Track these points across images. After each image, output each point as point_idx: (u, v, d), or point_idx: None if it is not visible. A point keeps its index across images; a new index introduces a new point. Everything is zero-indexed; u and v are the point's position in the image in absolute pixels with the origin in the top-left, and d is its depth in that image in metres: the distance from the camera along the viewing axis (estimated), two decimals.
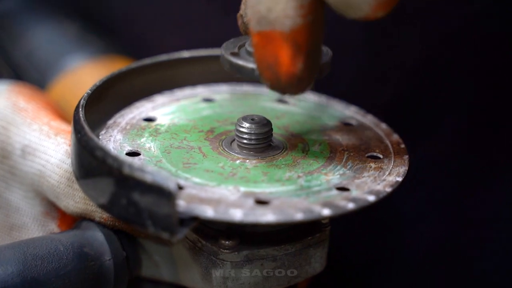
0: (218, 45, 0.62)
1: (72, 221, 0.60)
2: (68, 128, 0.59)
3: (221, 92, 0.65)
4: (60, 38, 0.85)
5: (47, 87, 0.80)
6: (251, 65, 0.52)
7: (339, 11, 0.47)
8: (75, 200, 0.57)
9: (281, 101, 0.64)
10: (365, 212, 0.54)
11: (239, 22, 0.55)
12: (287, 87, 0.50)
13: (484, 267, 0.78)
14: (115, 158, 0.49)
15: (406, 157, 0.57)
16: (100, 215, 0.56)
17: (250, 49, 0.53)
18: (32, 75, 0.83)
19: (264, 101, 0.64)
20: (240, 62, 0.53)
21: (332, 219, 0.57)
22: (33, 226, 0.61)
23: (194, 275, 0.56)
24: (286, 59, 0.48)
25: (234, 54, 0.54)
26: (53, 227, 0.61)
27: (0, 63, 0.90)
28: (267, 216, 0.49)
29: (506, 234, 0.77)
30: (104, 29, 0.87)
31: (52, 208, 0.61)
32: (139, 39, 0.86)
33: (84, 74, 0.80)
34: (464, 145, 0.77)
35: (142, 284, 0.60)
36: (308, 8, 0.47)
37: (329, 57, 0.53)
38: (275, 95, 0.64)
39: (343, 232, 0.65)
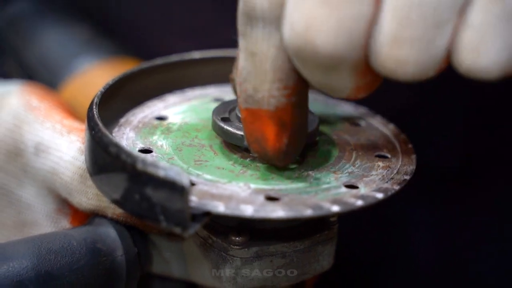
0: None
1: (84, 218, 0.61)
2: (81, 126, 0.60)
3: (231, 92, 0.66)
4: (71, 40, 0.86)
5: (58, 88, 0.81)
6: (240, 132, 0.55)
7: (324, 91, 0.51)
8: (88, 196, 0.58)
9: None
10: (371, 211, 0.54)
11: (232, 84, 0.58)
12: (274, 159, 0.53)
13: (480, 269, 0.78)
14: (129, 154, 0.50)
15: (413, 156, 0.58)
16: (113, 211, 0.57)
17: (240, 114, 0.56)
18: (43, 77, 0.84)
19: None
20: (231, 129, 0.56)
21: (339, 218, 0.58)
22: (46, 223, 0.62)
23: (204, 271, 0.57)
24: (272, 136, 0.52)
25: (224, 119, 0.57)
26: (65, 223, 0.62)
27: (12, 65, 0.91)
28: (277, 212, 0.50)
29: (503, 235, 0.78)
30: (111, 33, 0.88)
31: (64, 205, 0.62)
32: (146, 44, 0.87)
33: (94, 76, 0.81)
34: (461, 148, 0.78)
35: (151, 280, 0.60)
36: (292, 89, 0.50)
37: (317, 123, 0.57)
38: None
39: (350, 232, 0.66)
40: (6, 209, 0.64)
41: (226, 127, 0.56)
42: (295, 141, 0.53)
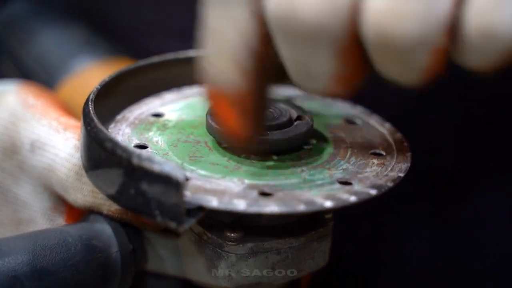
0: None
1: (79, 216, 0.61)
2: (77, 124, 0.61)
3: None
4: (68, 41, 0.86)
5: (55, 89, 0.81)
6: None
7: (300, 83, 0.49)
8: (84, 193, 0.58)
9: (287, 100, 0.66)
10: (365, 210, 0.54)
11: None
12: (236, 143, 0.52)
13: (479, 268, 0.79)
14: (124, 149, 0.50)
15: (408, 154, 0.58)
16: (108, 208, 0.57)
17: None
18: (40, 77, 0.84)
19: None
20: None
21: (335, 216, 0.58)
22: (41, 221, 0.62)
23: (199, 267, 0.57)
24: (232, 120, 0.50)
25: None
26: (60, 221, 0.62)
27: (8, 66, 0.91)
28: (270, 207, 0.50)
29: (501, 236, 0.78)
30: (108, 34, 0.89)
31: (59, 203, 0.62)
32: (142, 45, 0.87)
33: (91, 76, 0.81)
34: (451, 152, 0.78)
35: (146, 278, 0.60)
36: (252, 74, 0.48)
37: (309, 125, 0.57)
38: (281, 94, 0.66)
39: (344, 231, 0.66)
40: (2, 207, 0.64)
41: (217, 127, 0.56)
42: (256, 125, 0.51)
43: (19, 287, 0.52)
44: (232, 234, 0.54)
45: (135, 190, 0.50)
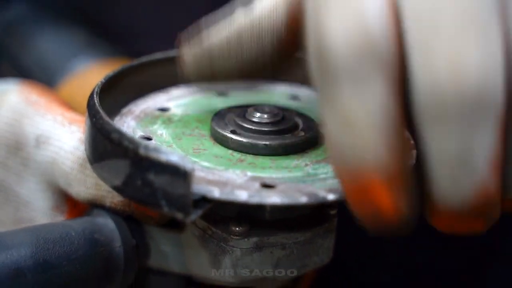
0: None
1: (80, 215, 0.60)
2: (82, 119, 0.60)
3: (235, 87, 0.66)
4: (67, 42, 0.86)
5: (55, 89, 0.81)
6: (234, 136, 0.56)
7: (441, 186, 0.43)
8: (87, 186, 0.58)
9: (294, 98, 0.66)
10: None
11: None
12: (397, 230, 0.45)
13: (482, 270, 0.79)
14: (131, 140, 0.50)
15: (413, 152, 0.58)
16: (111, 199, 0.57)
17: (239, 121, 0.57)
18: (40, 79, 0.84)
19: (277, 97, 0.65)
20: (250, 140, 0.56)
21: (339, 214, 0.58)
22: (42, 221, 0.62)
23: (203, 263, 0.56)
24: (388, 205, 0.43)
25: (233, 132, 0.56)
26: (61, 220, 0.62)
27: (7, 68, 0.91)
28: (272, 198, 0.50)
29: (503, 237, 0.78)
30: (108, 37, 0.89)
31: (62, 202, 0.62)
32: (142, 47, 0.87)
33: (91, 77, 0.81)
34: None
35: (149, 276, 0.60)
36: (402, 149, 0.43)
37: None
38: (288, 91, 0.66)
39: (344, 231, 0.66)
40: (4, 206, 0.64)
41: (240, 139, 0.56)
42: (412, 202, 0.44)
43: (22, 280, 0.52)
44: (237, 228, 0.54)
45: (141, 180, 0.50)
